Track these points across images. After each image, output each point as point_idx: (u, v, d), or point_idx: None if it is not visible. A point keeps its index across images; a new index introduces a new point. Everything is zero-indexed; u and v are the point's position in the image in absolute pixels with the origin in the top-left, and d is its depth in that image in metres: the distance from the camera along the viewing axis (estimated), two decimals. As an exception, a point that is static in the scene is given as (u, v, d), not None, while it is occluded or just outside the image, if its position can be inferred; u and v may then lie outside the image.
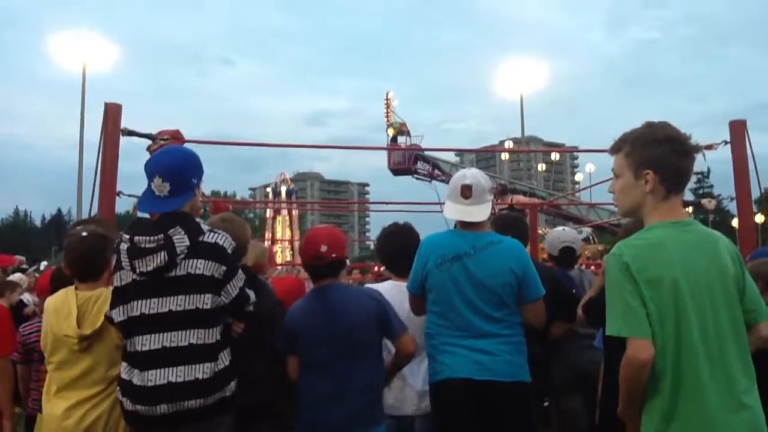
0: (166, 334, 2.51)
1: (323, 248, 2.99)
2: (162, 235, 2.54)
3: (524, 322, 3.13)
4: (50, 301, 2.96)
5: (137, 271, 2.54)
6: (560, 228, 4.94)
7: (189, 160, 2.71)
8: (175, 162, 2.67)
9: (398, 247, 3.52)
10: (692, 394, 1.97)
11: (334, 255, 3.00)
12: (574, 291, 4.00)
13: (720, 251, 2.11)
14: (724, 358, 2.01)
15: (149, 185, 2.64)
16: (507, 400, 2.95)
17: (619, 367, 2.04)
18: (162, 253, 2.52)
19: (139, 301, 2.54)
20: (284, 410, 3.16)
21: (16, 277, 6.80)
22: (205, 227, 2.66)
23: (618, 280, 2.05)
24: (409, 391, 3.31)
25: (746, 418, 1.98)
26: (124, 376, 2.57)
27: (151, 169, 2.65)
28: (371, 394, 2.95)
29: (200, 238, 2.59)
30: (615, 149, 2.24)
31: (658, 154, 2.12)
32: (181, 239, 2.54)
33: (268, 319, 3.00)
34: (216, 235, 2.64)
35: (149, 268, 2.53)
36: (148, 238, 2.54)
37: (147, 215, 2.83)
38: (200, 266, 2.55)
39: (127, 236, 2.58)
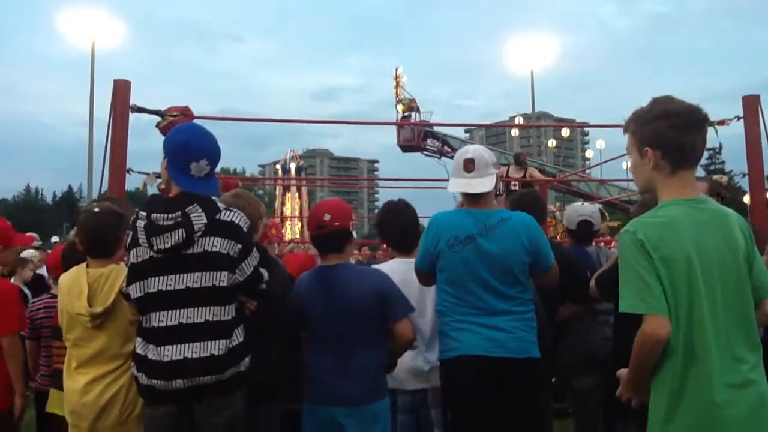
0: (182, 310, 2.54)
1: (326, 217, 3.00)
2: (180, 213, 2.55)
3: (540, 285, 3.18)
4: (63, 279, 2.99)
5: (155, 248, 2.55)
6: (579, 202, 4.88)
7: (216, 141, 2.76)
8: (214, 144, 2.73)
9: (400, 226, 3.52)
10: (702, 371, 1.98)
11: (337, 224, 3.00)
12: (588, 272, 3.89)
13: (732, 229, 2.10)
14: (732, 336, 2.02)
15: (187, 166, 2.63)
16: (518, 376, 2.97)
17: (632, 342, 2.04)
18: (180, 230, 2.53)
19: (157, 278, 2.56)
20: (296, 389, 3.19)
21: (28, 253, 6.84)
22: (221, 205, 2.67)
23: (633, 256, 2.03)
24: (422, 365, 3.33)
25: (752, 393, 2.00)
26: (139, 351, 2.59)
27: (197, 152, 2.64)
28: (373, 371, 2.96)
29: (217, 216, 2.60)
30: (625, 128, 2.24)
31: (655, 130, 2.11)
32: (198, 217, 2.55)
33: (279, 298, 3.01)
34: (232, 213, 2.65)
35: (167, 246, 2.54)
36: (165, 215, 2.55)
37: (157, 191, 2.84)
38: (217, 244, 2.56)
39: (144, 213, 2.59)
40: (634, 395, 2.15)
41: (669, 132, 2.09)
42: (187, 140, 2.68)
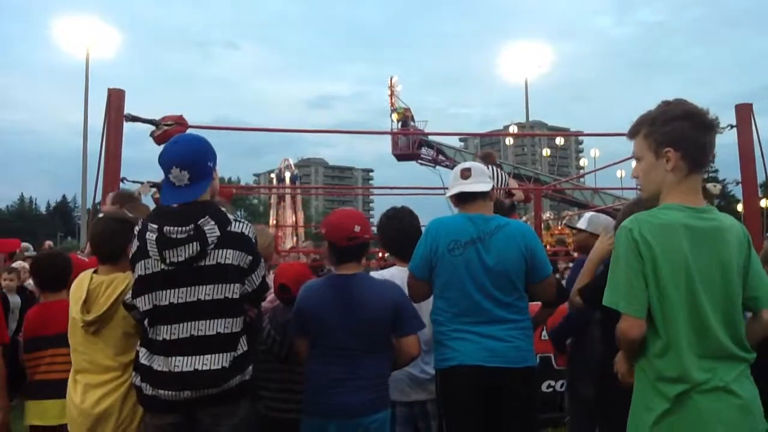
0: (194, 322, 2.51)
1: (356, 228, 2.97)
2: (192, 226, 2.52)
3: (536, 296, 3.17)
4: (74, 283, 2.98)
5: (167, 261, 2.52)
6: (600, 214, 4.90)
7: (201, 145, 2.69)
8: (188, 149, 2.64)
9: (401, 232, 3.49)
10: (677, 378, 2.00)
11: (366, 235, 3.01)
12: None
13: (727, 241, 2.09)
14: (717, 345, 2.02)
15: (167, 177, 2.61)
16: (515, 385, 2.96)
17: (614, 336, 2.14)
18: (194, 243, 2.50)
19: (168, 291, 2.52)
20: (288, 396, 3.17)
21: (18, 264, 6.79)
22: (230, 216, 2.64)
23: (625, 254, 2.06)
24: (418, 374, 3.31)
25: (735, 404, 1.99)
26: (143, 361, 2.56)
27: (166, 161, 2.60)
28: (380, 380, 2.95)
29: (228, 228, 2.57)
30: (633, 133, 2.22)
31: (677, 130, 2.09)
32: (211, 229, 2.53)
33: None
34: (242, 224, 2.63)
35: (180, 259, 2.51)
36: (179, 228, 2.51)
37: (151, 200, 2.83)
38: (229, 256, 2.55)
39: (155, 225, 2.55)
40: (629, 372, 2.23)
41: (690, 132, 2.09)
42: (162, 150, 2.67)
